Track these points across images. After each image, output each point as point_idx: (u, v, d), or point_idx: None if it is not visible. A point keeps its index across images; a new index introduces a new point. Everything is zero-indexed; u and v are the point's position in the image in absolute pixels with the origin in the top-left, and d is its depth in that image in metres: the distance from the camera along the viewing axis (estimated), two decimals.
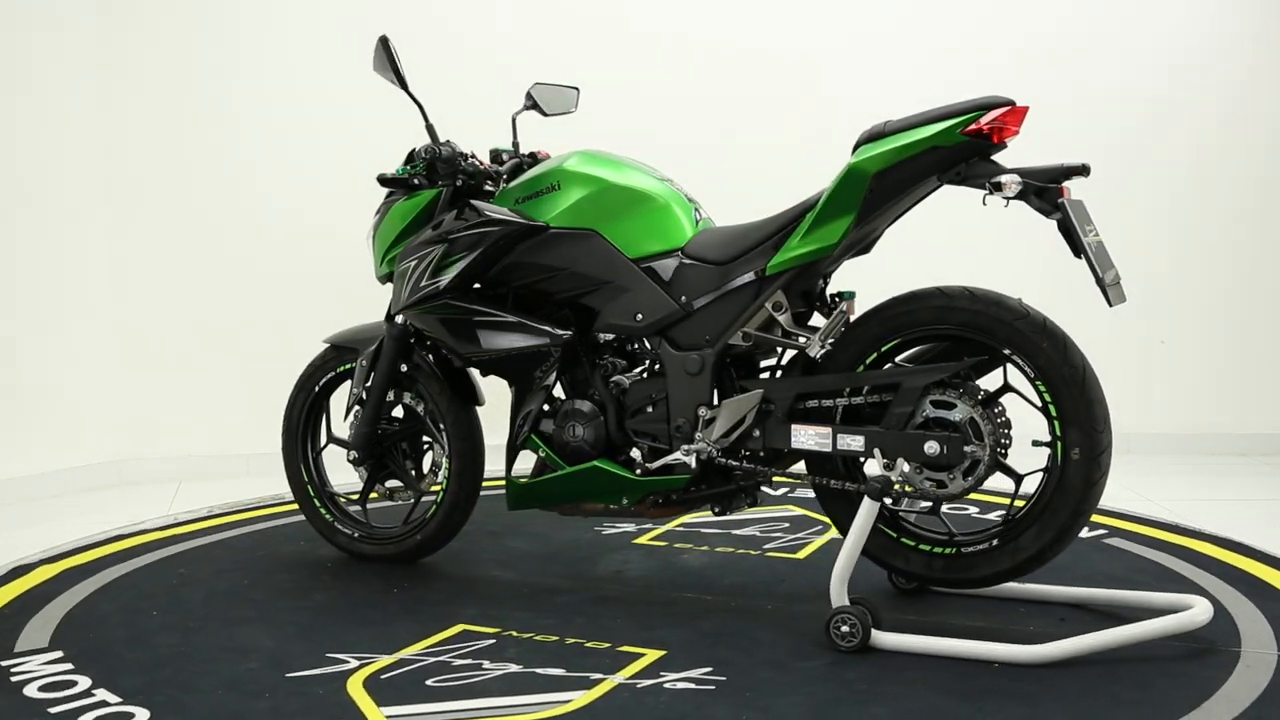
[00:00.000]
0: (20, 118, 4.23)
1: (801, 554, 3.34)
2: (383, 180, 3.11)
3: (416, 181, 3.12)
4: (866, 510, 2.59)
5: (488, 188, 3.14)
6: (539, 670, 2.48)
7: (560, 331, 2.94)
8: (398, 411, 3.32)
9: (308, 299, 4.50)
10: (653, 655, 2.55)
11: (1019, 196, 2.52)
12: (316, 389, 3.38)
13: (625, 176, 2.91)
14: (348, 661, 2.54)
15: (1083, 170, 2.51)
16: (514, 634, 2.71)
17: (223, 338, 4.54)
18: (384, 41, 2.93)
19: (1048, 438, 2.63)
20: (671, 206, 2.88)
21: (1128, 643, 2.48)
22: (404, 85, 2.97)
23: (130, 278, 4.52)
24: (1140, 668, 2.42)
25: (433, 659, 2.56)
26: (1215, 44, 4.74)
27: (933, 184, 2.64)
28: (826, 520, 3.65)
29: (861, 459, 2.81)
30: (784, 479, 2.91)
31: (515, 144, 3.28)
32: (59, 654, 2.61)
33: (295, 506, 3.56)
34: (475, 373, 3.24)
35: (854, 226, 2.64)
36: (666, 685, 2.39)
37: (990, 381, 2.69)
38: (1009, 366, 2.66)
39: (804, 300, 2.83)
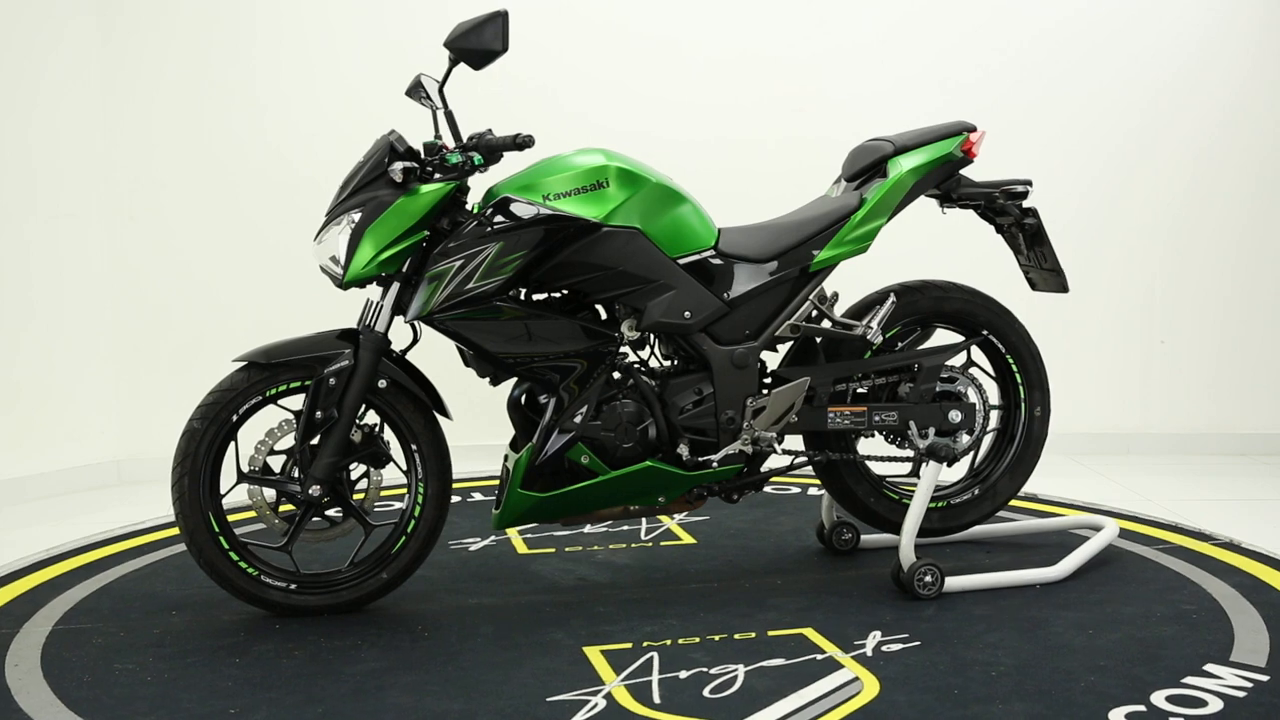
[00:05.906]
0: (21, 120, 4.20)
1: (688, 540, 3.51)
2: (408, 170, 2.70)
3: (403, 173, 2.76)
4: (931, 473, 2.97)
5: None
6: (765, 664, 2.48)
7: (615, 333, 2.84)
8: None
9: (308, 300, 4.29)
10: (812, 631, 2.67)
11: (998, 206, 3.10)
12: (234, 419, 2.77)
13: (658, 175, 2.91)
14: (589, 700, 2.30)
15: (1029, 183, 3.15)
16: (650, 644, 2.62)
17: (223, 338, 4.26)
18: (505, 16, 2.59)
19: (1001, 403, 3.25)
20: (698, 207, 2.95)
21: (1099, 550, 3.18)
22: (486, 64, 2.64)
23: (130, 278, 4.48)
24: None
25: (643, 679, 2.41)
26: (1216, 45, 4.73)
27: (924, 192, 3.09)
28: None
29: (855, 434, 3.15)
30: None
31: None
32: None
33: None
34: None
35: (885, 225, 3.00)
36: (885, 649, 2.56)
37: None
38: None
39: None
